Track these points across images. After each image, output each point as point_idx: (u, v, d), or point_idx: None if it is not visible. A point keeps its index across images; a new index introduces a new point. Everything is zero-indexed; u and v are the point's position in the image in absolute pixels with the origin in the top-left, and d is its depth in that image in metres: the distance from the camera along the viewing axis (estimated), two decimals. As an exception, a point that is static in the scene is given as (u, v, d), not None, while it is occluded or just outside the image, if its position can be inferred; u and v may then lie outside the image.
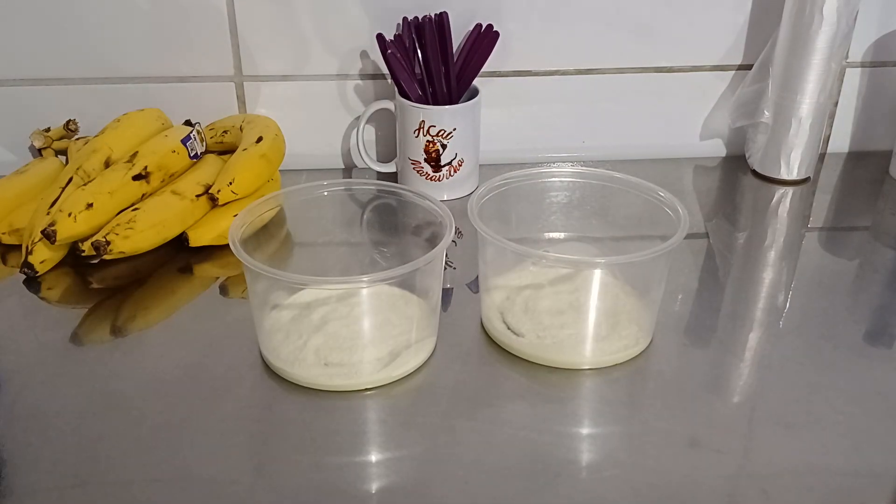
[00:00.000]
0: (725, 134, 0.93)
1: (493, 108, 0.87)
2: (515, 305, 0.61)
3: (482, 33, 0.81)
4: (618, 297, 0.61)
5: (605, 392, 0.58)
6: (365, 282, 0.57)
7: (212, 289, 0.69)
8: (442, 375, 0.59)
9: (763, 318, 0.66)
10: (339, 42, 0.85)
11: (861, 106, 0.93)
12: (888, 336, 0.64)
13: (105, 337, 0.63)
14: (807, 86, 0.82)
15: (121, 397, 0.56)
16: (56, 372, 0.58)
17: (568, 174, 0.67)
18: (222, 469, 0.51)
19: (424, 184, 0.82)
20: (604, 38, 0.87)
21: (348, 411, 0.55)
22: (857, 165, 0.92)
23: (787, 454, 0.52)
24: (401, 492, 0.49)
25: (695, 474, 0.50)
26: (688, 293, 0.69)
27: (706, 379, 0.59)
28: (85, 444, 0.52)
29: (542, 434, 0.53)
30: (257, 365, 0.59)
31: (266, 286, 0.59)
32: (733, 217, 0.82)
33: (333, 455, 0.52)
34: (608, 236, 0.68)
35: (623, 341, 0.59)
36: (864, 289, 0.70)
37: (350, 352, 0.57)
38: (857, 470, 0.50)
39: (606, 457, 0.52)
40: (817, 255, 0.76)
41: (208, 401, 0.56)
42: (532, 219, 0.68)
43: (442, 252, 0.56)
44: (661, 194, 0.62)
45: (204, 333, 0.63)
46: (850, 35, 0.82)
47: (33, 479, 0.50)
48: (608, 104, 0.90)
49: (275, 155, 0.80)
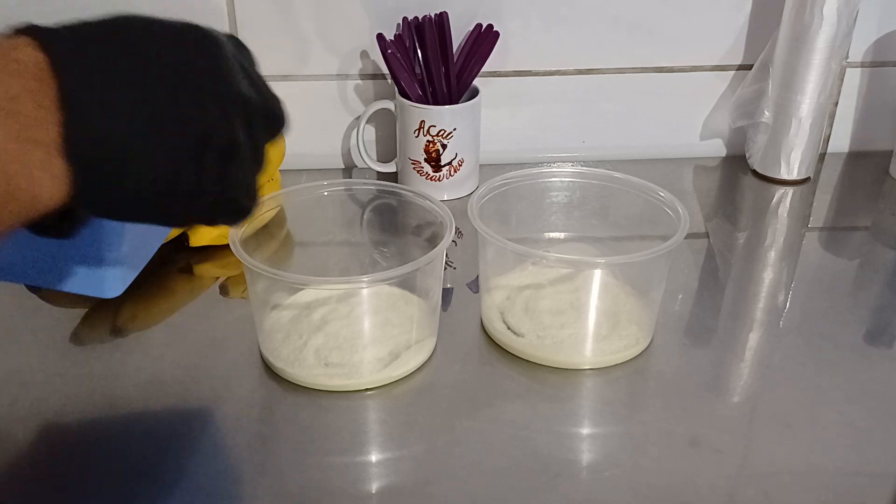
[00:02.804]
0: (725, 134, 0.93)
1: (493, 108, 0.87)
2: (515, 305, 0.61)
3: (482, 33, 0.81)
4: (618, 297, 0.61)
5: (605, 392, 0.58)
6: (365, 282, 0.57)
7: (212, 289, 0.69)
8: (442, 375, 0.59)
9: (763, 318, 0.66)
10: (339, 42, 0.85)
11: (861, 106, 0.93)
12: (888, 336, 0.64)
13: (105, 337, 0.63)
14: (807, 86, 0.82)
15: (121, 397, 0.56)
16: (56, 372, 0.58)
17: (568, 174, 0.67)
18: (222, 469, 0.51)
19: (424, 184, 0.82)
20: (604, 38, 0.87)
21: (348, 411, 0.55)
22: (857, 165, 0.92)
23: (787, 454, 0.52)
24: (401, 492, 0.49)
25: (695, 474, 0.50)
26: (688, 293, 0.69)
27: (706, 379, 0.59)
28: (85, 443, 0.52)
29: (542, 434, 0.53)
30: (257, 365, 0.59)
31: (266, 286, 0.59)
32: (733, 217, 0.82)
33: (333, 455, 0.52)
34: (608, 236, 0.68)
35: (623, 341, 0.59)
36: (864, 289, 0.70)
37: (350, 352, 0.57)
38: (857, 470, 0.50)
39: (606, 457, 0.52)
40: (817, 255, 0.76)
41: (208, 401, 0.56)
42: (532, 219, 0.68)
43: (442, 252, 0.56)
44: (661, 194, 0.62)
45: (204, 333, 0.63)
46: (850, 35, 0.82)
47: (33, 479, 0.50)
48: (608, 104, 0.90)
49: (275, 155, 0.80)
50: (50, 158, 0.33)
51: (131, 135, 0.35)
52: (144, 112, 0.35)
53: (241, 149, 0.39)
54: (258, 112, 0.41)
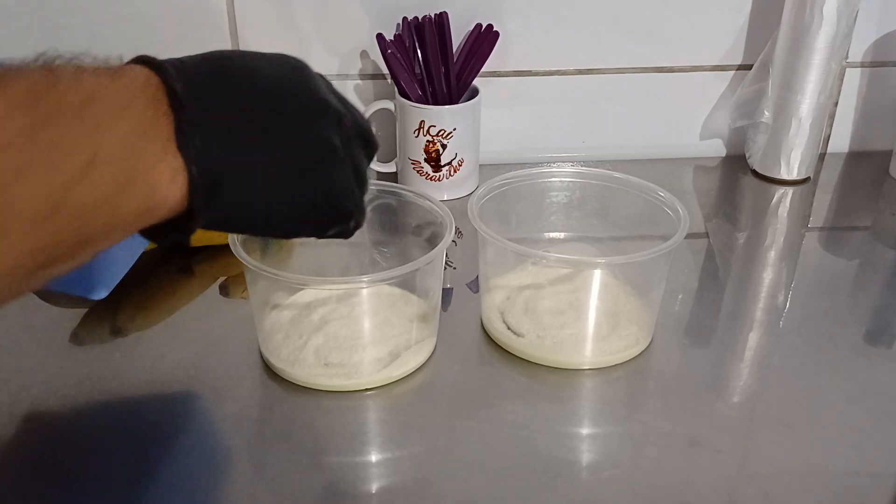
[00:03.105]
0: (725, 134, 0.93)
1: (493, 108, 0.87)
2: (515, 305, 0.61)
3: (482, 33, 0.81)
4: (618, 297, 0.61)
5: (605, 392, 0.58)
6: (365, 282, 0.57)
7: (212, 289, 0.69)
8: (442, 375, 0.59)
9: (763, 318, 0.66)
10: (339, 42, 0.85)
11: (861, 106, 0.93)
12: (888, 336, 0.64)
13: (105, 337, 0.63)
14: (807, 86, 0.82)
15: (121, 397, 0.56)
16: (56, 372, 0.58)
17: (568, 174, 0.67)
18: (222, 469, 0.51)
19: (424, 184, 0.82)
20: (604, 38, 0.87)
21: (348, 411, 0.55)
22: (857, 165, 0.92)
23: (787, 454, 0.52)
24: (401, 492, 0.49)
25: (695, 474, 0.50)
26: (688, 293, 0.69)
27: (706, 379, 0.59)
28: (84, 443, 0.52)
29: (542, 434, 0.53)
30: (257, 365, 0.59)
31: (266, 286, 0.59)
32: (733, 217, 0.82)
33: (333, 455, 0.52)
34: (608, 236, 0.68)
35: (623, 341, 0.59)
36: (864, 289, 0.70)
37: (350, 352, 0.57)
38: (857, 470, 0.50)
39: (606, 457, 0.52)
40: (817, 255, 0.76)
41: (208, 401, 0.56)
42: (532, 219, 0.68)
43: (442, 252, 0.56)
44: (661, 194, 0.62)
45: (204, 333, 0.63)
46: (850, 35, 0.82)
47: (33, 478, 0.50)
48: (608, 104, 0.90)
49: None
50: (167, 154, 0.34)
51: (240, 132, 0.37)
52: (248, 115, 0.37)
53: (340, 154, 0.41)
54: (353, 129, 0.42)
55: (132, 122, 0.33)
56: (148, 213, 0.35)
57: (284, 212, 0.40)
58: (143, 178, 0.33)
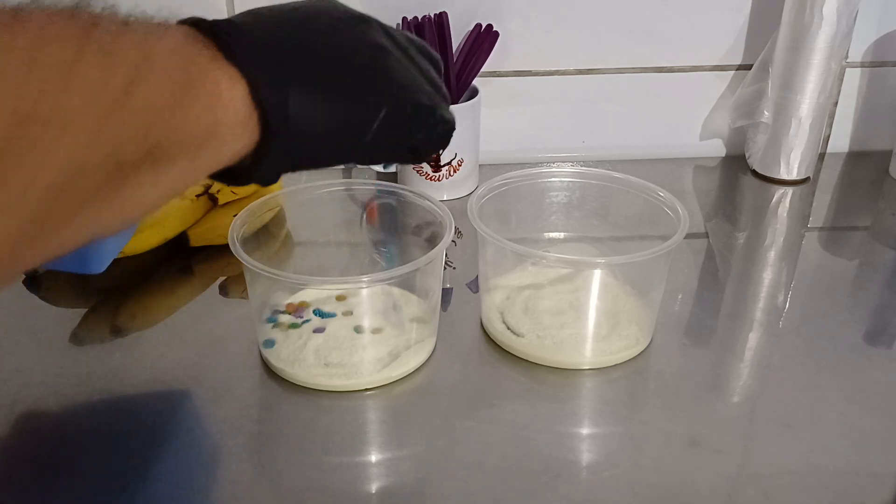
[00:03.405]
0: (725, 134, 0.93)
1: (493, 108, 0.87)
2: (515, 305, 0.61)
3: (482, 33, 0.81)
4: (618, 297, 0.61)
5: (605, 392, 0.58)
6: (365, 282, 0.57)
7: (212, 289, 0.69)
8: (442, 375, 0.59)
9: (763, 318, 0.66)
10: (339, 42, 0.85)
11: (861, 106, 0.93)
12: (888, 336, 0.64)
13: (105, 337, 0.63)
14: (807, 86, 0.82)
15: (121, 397, 0.56)
16: (56, 372, 0.58)
17: (568, 174, 0.67)
18: (222, 469, 0.51)
19: (424, 184, 0.82)
20: (604, 38, 0.87)
21: (348, 411, 0.55)
22: (857, 165, 0.92)
23: (787, 454, 0.52)
24: (401, 492, 0.49)
25: (695, 474, 0.50)
26: (688, 293, 0.69)
27: (706, 379, 0.59)
28: (84, 443, 0.52)
29: (542, 434, 0.53)
30: (257, 365, 0.59)
31: (266, 286, 0.59)
32: (733, 217, 0.82)
33: (333, 455, 0.52)
34: (608, 236, 0.68)
35: (623, 341, 0.59)
36: (864, 289, 0.70)
37: (350, 352, 0.57)
38: (857, 470, 0.50)
39: (606, 457, 0.52)
40: (817, 255, 0.76)
41: (208, 401, 0.56)
42: (532, 219, 0.68)
43: (442, 252, 0.56)
44: (661, 194, 0.62)
45: (204, 333, 0.63)
46: (850, 35, 0.82)
47: (32, 478, 0.50)
48: (608, 104, 0.90)
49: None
50: (219, 63, 0.34)
51: (287, 44, 0.37)
52: (290, 31, 0.38)
53: (392, 52, 0.41)
54: (403, 38, 0.43)
55: (178, 36, 0.33)
56: (216, 126, 0.34)
57: (356, 116, 0.39)
58: (199, 81, 0.33)
